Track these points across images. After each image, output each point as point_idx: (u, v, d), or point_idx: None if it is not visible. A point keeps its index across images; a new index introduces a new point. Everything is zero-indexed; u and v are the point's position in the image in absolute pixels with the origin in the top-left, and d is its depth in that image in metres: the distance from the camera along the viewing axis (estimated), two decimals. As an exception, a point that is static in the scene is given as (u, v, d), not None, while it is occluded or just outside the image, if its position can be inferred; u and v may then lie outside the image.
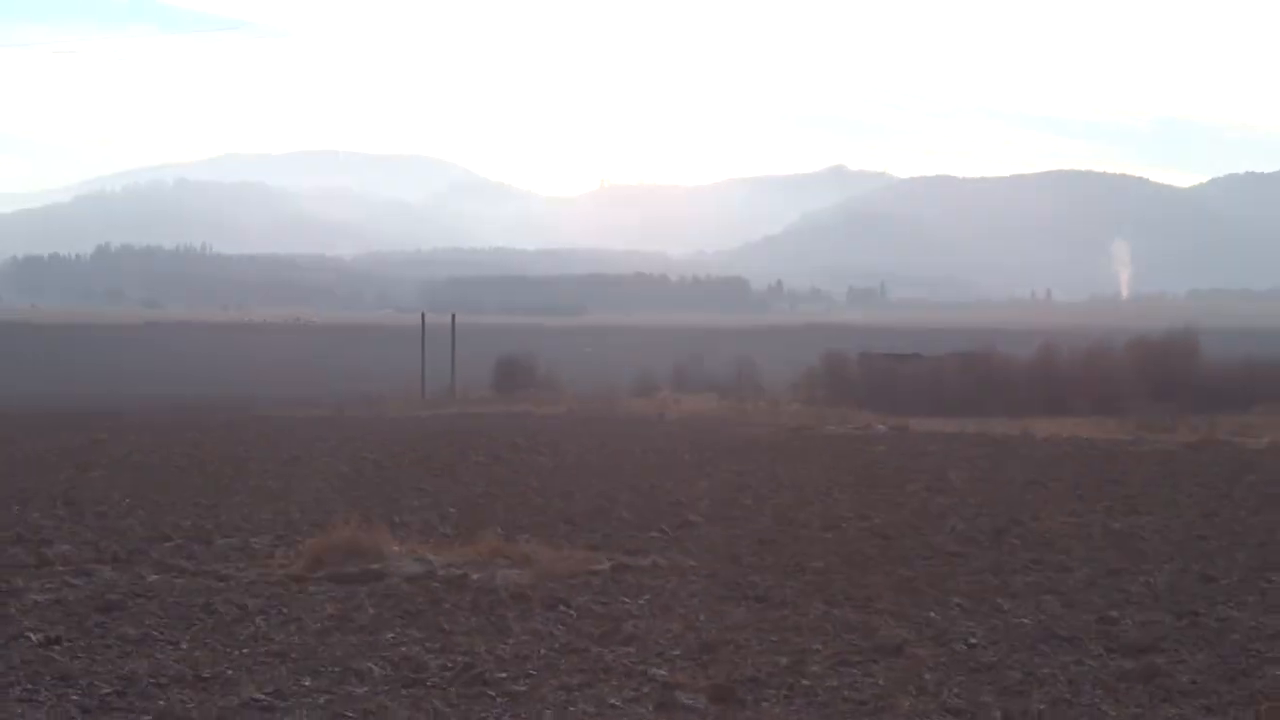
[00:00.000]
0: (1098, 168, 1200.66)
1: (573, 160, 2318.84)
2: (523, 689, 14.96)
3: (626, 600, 19.79)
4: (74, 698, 14.51)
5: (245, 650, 16.68)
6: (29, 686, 14.91)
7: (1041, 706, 14.26)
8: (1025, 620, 18.47)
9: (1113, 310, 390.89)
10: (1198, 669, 15.82)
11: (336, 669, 15.70)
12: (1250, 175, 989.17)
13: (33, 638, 16.96)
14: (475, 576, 21.18)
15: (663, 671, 15.51)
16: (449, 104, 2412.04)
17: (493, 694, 14.81)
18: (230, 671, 15.59)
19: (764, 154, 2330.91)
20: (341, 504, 28.87)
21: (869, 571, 22.02)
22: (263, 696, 14.52)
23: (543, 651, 16.61)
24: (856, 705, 14.46)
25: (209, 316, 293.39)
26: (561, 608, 19.12)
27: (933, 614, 18.85)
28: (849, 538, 25.76)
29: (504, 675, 15.50)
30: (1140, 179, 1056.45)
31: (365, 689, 14.93)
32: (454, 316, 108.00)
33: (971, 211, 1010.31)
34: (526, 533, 25.23)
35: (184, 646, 16.78)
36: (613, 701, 14.44)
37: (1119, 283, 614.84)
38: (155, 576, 21.59)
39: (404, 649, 16.70)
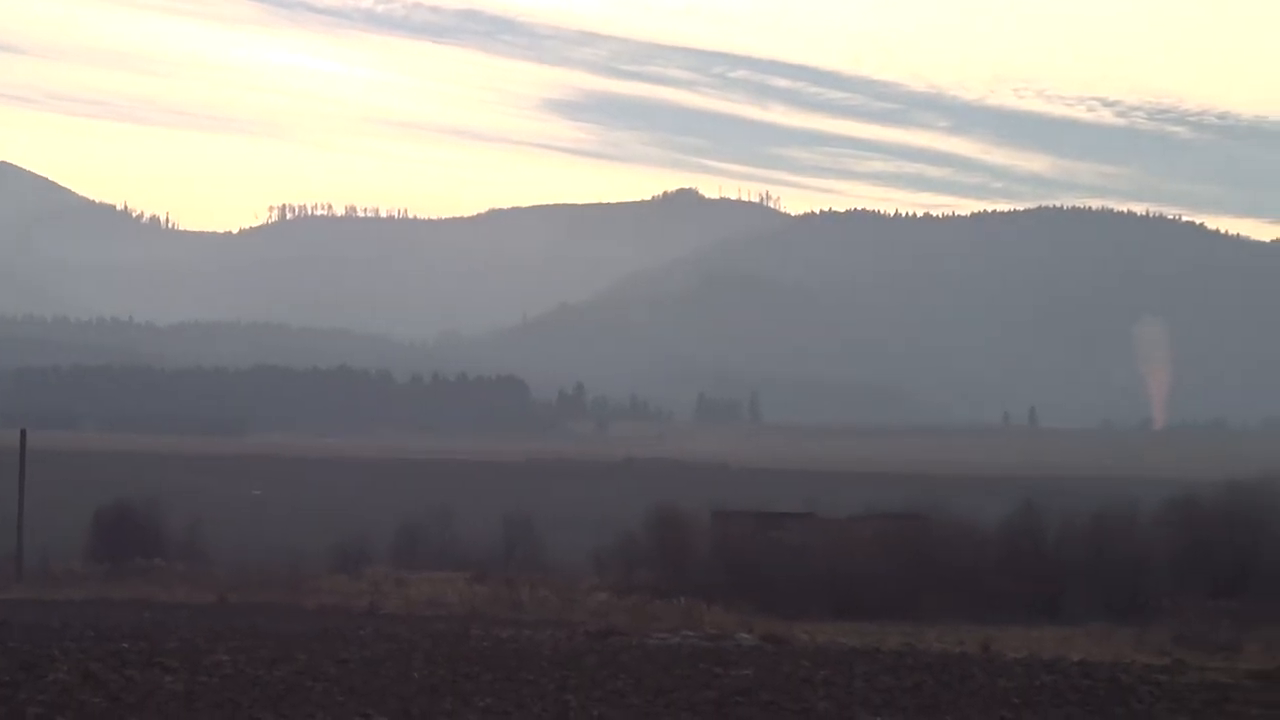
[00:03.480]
0: (1116, 204, 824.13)
1: (233, 174, 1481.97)
2: None
3: None
4: None
5: None
6: None
7: None
8: None
9: (1136, 445, 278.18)
10: None
11: None
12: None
13: None
14: None
15: None
16: (28, 81, 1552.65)
17: None
18: None
19: (558, 166, 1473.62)
20: None
21: None
22: None
23: None
24: None
25: None
26: None
27: None
28: None
29: None
30: (1188, 224, 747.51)
31: None
32: (24, 434, 73.43)
33: (907, 274, 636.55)
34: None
35: None
36: None
37: (1152, 398, 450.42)
38: None
39: None
